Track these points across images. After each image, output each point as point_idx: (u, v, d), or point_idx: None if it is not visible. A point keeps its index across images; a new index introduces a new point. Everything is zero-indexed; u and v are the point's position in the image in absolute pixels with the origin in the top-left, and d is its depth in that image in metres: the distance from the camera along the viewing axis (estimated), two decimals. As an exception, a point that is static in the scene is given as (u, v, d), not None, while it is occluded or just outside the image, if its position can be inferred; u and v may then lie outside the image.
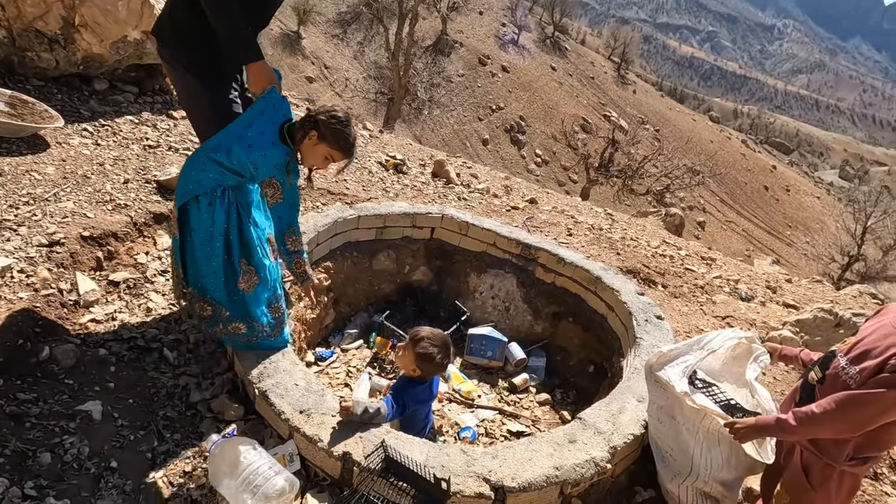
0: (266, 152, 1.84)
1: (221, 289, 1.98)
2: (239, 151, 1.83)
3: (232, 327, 2.03)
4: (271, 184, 1.86)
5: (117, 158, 3.18)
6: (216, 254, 1.94)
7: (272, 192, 1.88)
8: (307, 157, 1.91)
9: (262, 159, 1.84)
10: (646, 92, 40.68)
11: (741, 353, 1.86)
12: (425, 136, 25.20)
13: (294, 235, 1.97)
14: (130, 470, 1.68)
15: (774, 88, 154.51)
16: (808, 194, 37.19)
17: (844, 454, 1.42)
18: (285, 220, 1.95)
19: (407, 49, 16.30)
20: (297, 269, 2.03)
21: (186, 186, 1.90)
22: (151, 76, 4.38)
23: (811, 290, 5.77)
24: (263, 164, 1.85)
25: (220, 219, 1.91)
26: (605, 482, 1.99)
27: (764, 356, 1.82)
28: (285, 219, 1.94)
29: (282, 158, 1.86)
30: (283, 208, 1.92)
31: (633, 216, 10.21)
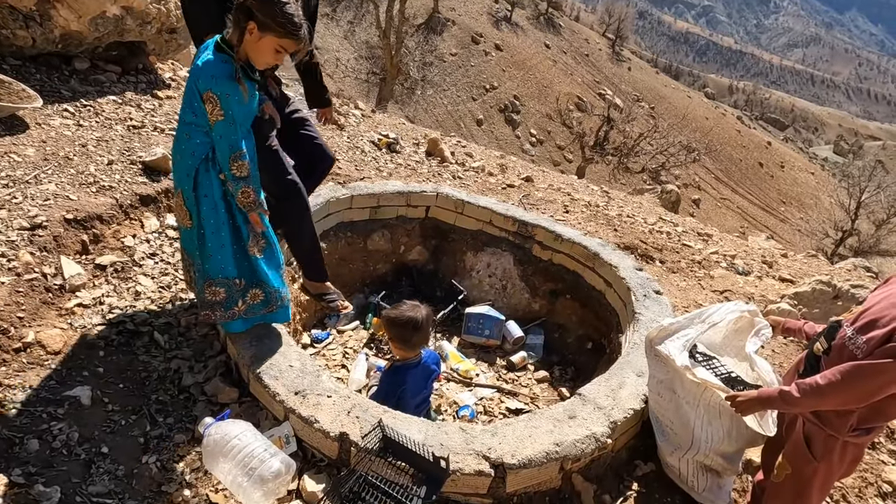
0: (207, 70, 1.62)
1: (230, 261, 1.87)
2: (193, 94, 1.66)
3: (251, 295, 1.93)
4: (209, 98, 1.61)
5: (100, 139, 3.08)
6: (222, 221, 1.82)
7: (210, 107, 1.63)
8: (257, 58, 1.67)
9: (211, 80, 1.61)
10: (641, 69, 40.20)
11: (743, 326, 1.83)
12: (418, 116, 24.87)
13: (240, 160, 1.71)
14: (122, 455, 1.65)
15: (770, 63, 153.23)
16: (802, 170, 37.16)
17: (848, 425, 1.40)
18: (226, 141, 1.68)
19: (398, 27, 15.95)
20: (245, 198, 1.77)
21: (185, 162, 1.77)
22: (134, 55, 4.24)
23: (806, 264, 5.77)
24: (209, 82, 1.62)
25: (216, 182, 1.78)
26: (605, 457, 1.98)
27: (766, 329, 1.79)
28: (226, 139, 1.68)
29: (221, 68, 1.62)
30: (225, 126, 1.66)
31: (629, 193, 10.15)
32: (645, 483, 2.00)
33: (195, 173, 1.76)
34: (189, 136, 1.73)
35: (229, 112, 1.63)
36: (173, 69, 4.72)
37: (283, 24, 1.58)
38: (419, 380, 2.09)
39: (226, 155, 1.70)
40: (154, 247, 2.63)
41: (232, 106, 1.63)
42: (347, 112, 6.30)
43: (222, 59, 1.62)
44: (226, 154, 1.69)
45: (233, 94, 1.63)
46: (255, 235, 1.90)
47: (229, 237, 1.85)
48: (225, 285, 1.89)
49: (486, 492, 1.76)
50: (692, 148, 21.46)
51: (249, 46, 1.63)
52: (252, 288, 1.94)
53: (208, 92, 1.61)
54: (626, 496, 1.93)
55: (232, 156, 1.69)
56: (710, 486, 1.87)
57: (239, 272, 1.90)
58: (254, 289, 1.95)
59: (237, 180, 1.74)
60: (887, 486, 2.30)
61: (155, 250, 2.61)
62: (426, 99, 25.14)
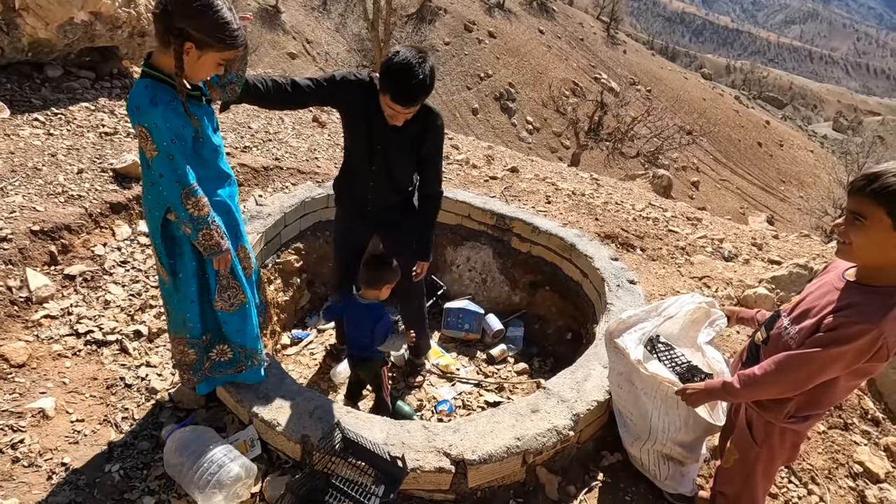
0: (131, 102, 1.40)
1: (197, 318, 1.70)
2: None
3: (216, 351, 1.77)
4: (139, 133, 1.38)
5: (71, 148, 3.08)
6: (191, 274, 1.63)
7: (143, 143, 1.40)
8: (196, 75, 1.46)
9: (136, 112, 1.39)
10: (636, 51, 39.80)
11: (699, 317, 1.84)
12: (412, 108, 24.70)
13: (193, 196, 1.47)
14: (85, 465, 1.67)
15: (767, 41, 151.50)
16: (801, 148, 36.90)
17: (784, 412, 1.41)
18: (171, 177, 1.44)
19: (386, 18, 15.81)
20: (207, 240, 1.53)
21: (153, 214, 1.55)
22: (107, 59, 4.22)
23: (798, 244, 5.75)
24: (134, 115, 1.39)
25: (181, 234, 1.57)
26: (570, 449, 1.99)
27: (720, 320, 1.80)
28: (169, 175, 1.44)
29: (141, 95, 1.39)
30: (162, 161, 1.41)
31: (620, 180, 10.12)
32: (611, 473, 2.01)
33: (161, 224, 1.55)
34: (153, 183, 1.49)
35: (163, 143, 1.39)
36: (150, 72, 4.70)
37: (223, 39, 1.39)
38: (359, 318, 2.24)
39: (175, 193, 1.44)
40: (125, 254, 2.63)
41: (164, 136, 1.39)
42: (331, 109, 6.28)
43: (143, 84, 1.40)
44: (175, 192, 1.44)
45: (161, 123, 1.38)
46: (223, 288, 1.68)
47: (196, 292, 1.66)
48: (195, 345, 1.74)
49: (449, 487, 1.78)
50: (688, 130, 21.34)
51: (191, 68, 1.42)
52: (218, 344, 1.79)
53: (136, 126, 1.38)
54: (592, 486, 1.95)
55: (182, 193, 1.44)
56: (673, 475, 1.89)
57: (204, 328, 1.74)
58: (220, 345, 1.79)
59: (195, 221, 1.48)
60: (858, 467, 2.31)
61: (126, 258, 2.61)
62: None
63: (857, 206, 1.21)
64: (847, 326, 1.23)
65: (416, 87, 1.85)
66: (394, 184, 2.30)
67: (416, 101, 1.91)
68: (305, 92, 2.01)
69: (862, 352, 1.22)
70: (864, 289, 1.27)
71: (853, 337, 1.21)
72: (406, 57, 1.83)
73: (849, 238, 1.24)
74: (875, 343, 1.21)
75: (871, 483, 2.27)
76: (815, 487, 2.16)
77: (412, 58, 1.83)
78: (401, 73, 1.82)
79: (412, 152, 2.19)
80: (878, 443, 2.48)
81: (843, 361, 1.25)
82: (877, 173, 1.19)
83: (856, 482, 2.26)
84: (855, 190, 1.22)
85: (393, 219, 2.41)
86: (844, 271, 1.35)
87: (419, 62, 1.84)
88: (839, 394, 1.38)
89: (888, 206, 1.16)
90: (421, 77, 1.84)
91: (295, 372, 2.99)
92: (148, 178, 1.53)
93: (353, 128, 2.17)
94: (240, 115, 4.66)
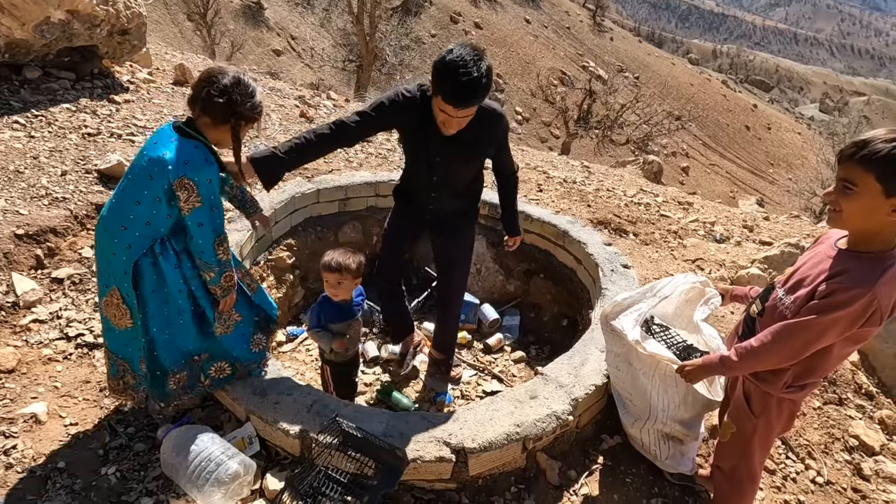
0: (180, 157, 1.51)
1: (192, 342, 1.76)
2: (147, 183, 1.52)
3: (215, 368, 1.82)
4: (183, 185, 1.50)
5: (53, 150, 3.02)
6: (184, 310, 1.69)
7: (185, 195, 1.51)
8: (223, 143, 1.65)
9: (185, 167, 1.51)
10: (623, 38, 39.77)
11: (694, 296, 1.84)
12: (400, 102, 24.55)
13: (225, 243, 1.64)
14: (80, 468, 1.65)
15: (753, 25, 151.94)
16: (789, 131, 37.14)
17: (782, 383, 1.42)
18: (209, 227, 1.59)
19: (371, 11, 15.65)
20: (227, 282, 1.69)
21: (119, 259, 1.58)
22: (87, 60, 4.14)
23: (789, 225, 5.79)
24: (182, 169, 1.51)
25: (171, 276, 1.62)
26: (569, 433, 2.00)
27: (715, 298, 1.80)
28: (209, 225, 1.58)
29: (194, 154, 1.53)
30: (205, 213, 1.56)
31: (611, 167, 10.13)
32: (611, 456, 2.02)
33: (133, 268, 1.58)
34: (126, 227, 1.55)
35: (210, 197, 1.55)
36: (131, 72, 4.62)
37: (257, 116, 1.64)
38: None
39: (210, 241, 1.59)
40: (114, 256, 2.59)
41: (213, 190, 1.57)
42: (318, 103, 6.22)
43: (193, 145, 1.55)
44: (210, 240, 1.59)
45: (214, 179, 1.57)
46: (222, 317, 1.77)
47: (192, 323, 1.72)
48: (187, 367, 1.78)
49: (450, 476, 1.78)
50: (677, 115, 21.39)
51: (221, 135, 1.60)
52: (217, 361, 1.83)
53: (182, 179, 1.49)
54: (592, 470, 1.95)
55: (216, 240, 1.60)
56: (673, 454, 1.90)
57: (200, 348, 1.78)
58: (219, 362, 1.83)
59: (222, 265, 1.64)
60: (853, 441, 2.34)
61: (114, 259, 2.58)
62: (407, 83, 24.81)
63: (847, 173, 1.21)
64: (841, 292, 1.23)
65: (470, 85, 1.68)
66: (456, 190, 2.23)
67: (469, 101, 1.74)
68: (352, 128, 1.93)
69: (856, 317, 1.23)
70: (855, 255, 1.28)
71: (847, 302, 1.22)
72: (460, 54, 1.69)
73: (839, 206, 1.25)
74: (869, 307, 1.22)
75: (867, 456, 2.30)
76: (811, 462, 2.19)
77: (466, 55, 1.69)
78: (454, 70, 1.67)
79: (473, 159, 2.10)
80: (873, 416, 2.51)
81: (838, 327, 1.25)
82: (865, 140, 1.19)
83: (851, 455, 2.29)
84: (844, 158, 1.22)
85: (452, 223, 2.33)
86: (836, 240, 1.36)
87: (474, 60, 1.68)
88: (834, 361, 1.39)
89: (877, 172, 1.16)
90: (475, 75, 1.68)
91: (291, 369, 2.97)
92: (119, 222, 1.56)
93: (410, 144, 2.11)
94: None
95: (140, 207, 1.53)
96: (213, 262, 1.61)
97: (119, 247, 1.56)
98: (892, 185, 1.16)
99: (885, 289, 1.21)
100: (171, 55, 6.33)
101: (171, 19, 21.80)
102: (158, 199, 1.52)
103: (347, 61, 18.47)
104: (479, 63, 1.69)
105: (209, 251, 1.59)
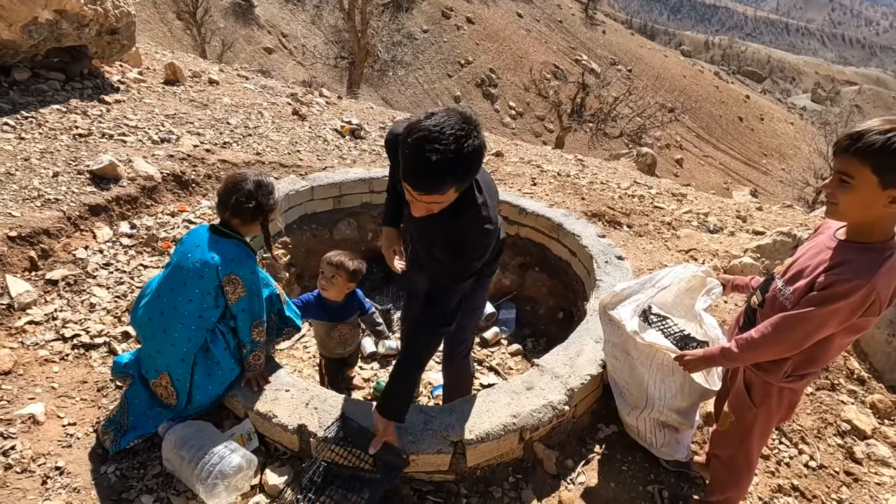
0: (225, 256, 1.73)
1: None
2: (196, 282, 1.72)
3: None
4: (231, 280, 1.73)
5: (44, 151, 3.00)
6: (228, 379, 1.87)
7: (232, 288, 1.75)
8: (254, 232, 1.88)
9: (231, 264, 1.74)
10: (615, 31, 39.72)
11: (695, 285, 1.85)
12: (394, 98, 24.51)
13: (261, 326, 1.85)
14: (80, 467, 1.65)
15: (744, 15, 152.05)
16: (781, 121, 37.27)
17: (782, 373, 1.43)
18: (249, 312, 1.81)
19: (362, 7, 15.56)
20: (256, 360, 1.89)
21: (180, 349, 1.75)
22: (77, 60, 4.11)
23: (781, 215, 5.83)
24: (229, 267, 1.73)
25: (223, 357, 1.81)
26: (566, 423, 2.02)
27: (717, 288, 1.80)
28: (249, 311, 1.81)
29: (236, 251, 1.76)
30: (249, 300, 1.79)
31: (605, 160, 10.15)
32: (607, 444, 2.04)
33: (194, 359, 1.76)
34: (183, 324, 1.73)
35: (253, 286, 1.78)
36: (122, 71, 4.59)
37: (276, 208, 1.87)
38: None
39: (248, 323, 1.81)
40: (108, 256, 2.59)
41: (256, 281, 1.79)
42: (311, 101, 6.20)
43: (234, 244, 1.78)
44: (248, 323, 1.81)
45: (256, 271, 1.80)
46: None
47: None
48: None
49: (448, 468, 1.79)
50: (670, 108, 21.42)
51: (252, 229, 1.84)
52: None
53: (229, 275, 1.73)
54: (589, 459, 1.97)
55: (254, 323, 1.82)
56: (668, 441, 1.92)
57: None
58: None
59: (255, 344, 1.85)
60: (846, 425, 2.38)
61: (109, 260, 2.57)
62: (400, 79, 24.74)
63: (843, 166, 1.21)
64: (840, 283, 1.24)
65: (429, 168, 1.28)
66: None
67: (425, 188, 1.34)
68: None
69: (856, 307, 1.24)
70: (854, 246, 1.28)
71: (847, 293, 1.23)
72: (438, 123, 1.29)
73: (836, 198, 1.25)
74: (868, 298, 1.22)
75: (859, 440, 2.33)
76: (805, 447, 2.22)
77: (446, 127, 1.28)
78: (418, 142, 1.28)
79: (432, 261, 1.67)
80: (865, 401, 2.55)
81: (838, 318, 1.26)
82: (860, 132, 1.18)
83: (844, 440, 2.32)
84: (840, 150, 1.21)
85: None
86: (835, 231, 1.36)
87: (454, 135, 1.28)
88: (834, 350, 1.40)
89: (873, 164, 1.16)
90: (437, 158, 1.27)
91: (289, 366, 2.98)
92: (176, 320, 1.73)
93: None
94: (217, 111, 4.58)
95: (192, 305, 1.73)
96: (247, 340, 1.83)
97: (179, 340, 1.74)
98: (889, 177, 1.16)
99: (884, 279, 1.22)
100: (162, 54, 6.29)
101: (160, 18, 21.61)
102: (209, 294, 1.73)
103: (339, 58, 18.38)
104: (459, 141, 1.28)
105: (246, 332, 1.82)
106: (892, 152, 1.14)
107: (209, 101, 4.77)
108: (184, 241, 1.80)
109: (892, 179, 1.16)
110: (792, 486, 2.03)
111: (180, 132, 3.81)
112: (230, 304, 1.77)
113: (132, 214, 2.92)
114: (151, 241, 2.76)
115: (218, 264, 1.71)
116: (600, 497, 1.84)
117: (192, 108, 4.43)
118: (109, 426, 1.76)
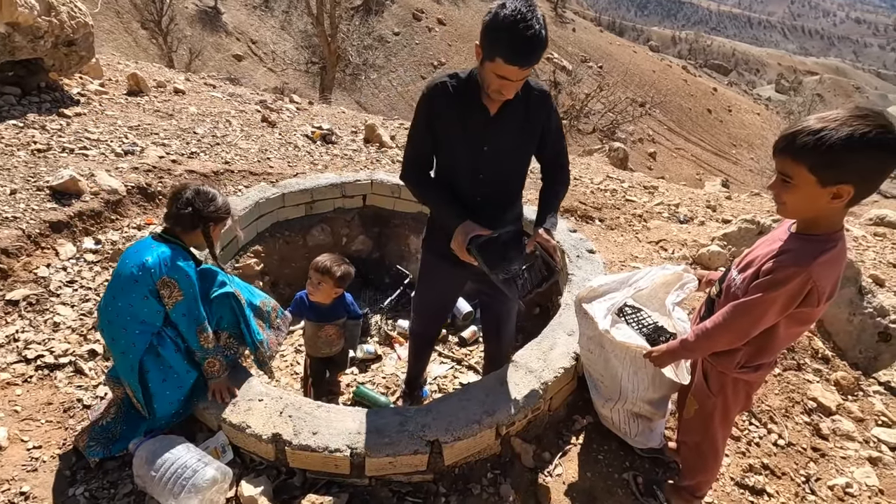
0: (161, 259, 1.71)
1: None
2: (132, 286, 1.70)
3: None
4: (165, 283, 1.70)
5: (0, 168, 2.91)
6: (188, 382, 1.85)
7: (168, 291, 1.71)
8: (199, 245, 1.89)
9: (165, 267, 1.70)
10: (585, 29, 40.27)
11: (671, 279, 1.87)
12: (368, 102, 24.38)
13: (205, 332, 1.80)
14: (46, 491, 1.60)
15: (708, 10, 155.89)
16: (748, 112, 38.26)
17: (735, 363, 1.47)
18: (190, 317, 1.77)
19: (331, 11, 15.47)
20: (210, 367, 1.85)
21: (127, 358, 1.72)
22: (33, 73, 4.00)
23: (749, 203, 6.00)
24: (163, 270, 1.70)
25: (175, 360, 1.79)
26: (542, 416, 2.04)
27: (691, 283, 1.82)
28: (189, 315, 1.77)
29: (172, 255, 1.74)
30: (187, 304, 1.75)
31: (578, 156, 10.28)
32: (584, 435, 2.07)
33: (140, 365, 1.74)
34: (126, 329, 1.72)
35: (189, 290, 1.75)
36: (81, 84, 4.47)
37: (224, 215, 1.88)
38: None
39: (192, 329, 1.78)
40: (72, 273, 2.52)
41: (192, 284, 1.76)
42: (280, 107, 6.13)
43: (171, 248, 1.76)
44: (192, 328, 1.78)
45: (192, 274, 1.77)
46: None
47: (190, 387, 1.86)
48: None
49: (427, 467, 1.80)
50: (641, 102, 21.82)
51: (196, 239, 1.85)
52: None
53: (163, 278, 1.70)
54: (566, 451, 2.00)
55: (197, 329, 1.79)
56: (642, 431, 1.96)
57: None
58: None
59: (204, 351, 1.82)
60: (812, 403, 2.46)
61: (73, 277, 2.51)
62: (373, 83, 24.65)
63: (783, 167, 1.23)
64: (780, 270, 1.27)
65: (535, 40, 1.49)
66: (508, 193, 1.90)
67: (534, 57, 1.54)
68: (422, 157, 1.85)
69: (793, 294, 1.26)
70: (801, 237, 1.31)
71: (785, 280, 1.25)
72: (516, 7, 1.48)
73: (782, 199, 1.26)
74: (804, 286, 1.24)
75: (825, 416, 2.42)
76: (773, 426, 2.29)
77: (522, 7, 1.48)
78: (514, 26, 1.46)
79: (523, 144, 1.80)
80: (829, 378, 2.64)
81: (777, 305, 1.29)
82: (794, 133, 1.19)
83: (811, 417, 2.40)
84: (777, 151, 1.23)
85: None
86: (791, 224, 1.39)
87: (531, 10, 1.48)
88: (781, 341, 1.42)
89: (808, 164, 1.17)
90: (537, 27, 1.49)
91: (264, 375, 2.94)
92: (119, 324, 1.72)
93: (449, 140, 1.79)
94: (184, 120, 4.50)
95: (133, 310, 1.71)
96: (196, 347, 1.81)
97: (126, 347, 1.73)
98: (825, 175, 1.17)
99: (822, 268, 1.24)
100: (125, 65, 6.15)
101: (123, 28, 21.09)
102: (146, 297, 1.71)
103: (310, 63, 18.24)
104: (536, 14, 1.50)
105: (192, 338, 1.80)
106: (824, 152, 1.14)
107: (175, 111, 4.68)
108: (127, 249, 1.80)
109: (829, 177, 1.17)
110: (762, 465, 2.09)
111: (145, 143, 3.73)
112: (168, 311, 1.74)
113: (96, 229, 2.85)
114: (117, 255, 2.70)
115: (151, 266, 1.69)
116: (577, 487, 1.87)
117: (157, 119, 4.35)
118: (101, 433, 1.76)
